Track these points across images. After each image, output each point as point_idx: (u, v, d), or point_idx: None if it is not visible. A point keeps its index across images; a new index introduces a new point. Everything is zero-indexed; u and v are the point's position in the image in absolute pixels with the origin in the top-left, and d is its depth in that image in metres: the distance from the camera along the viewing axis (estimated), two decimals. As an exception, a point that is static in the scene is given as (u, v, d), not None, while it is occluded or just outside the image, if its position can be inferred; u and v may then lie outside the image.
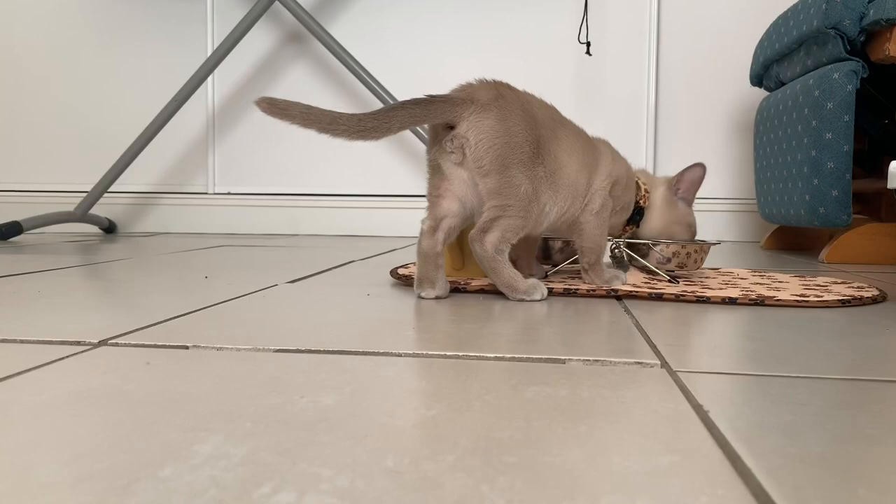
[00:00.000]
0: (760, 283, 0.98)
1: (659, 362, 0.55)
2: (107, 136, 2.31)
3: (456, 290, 0.89)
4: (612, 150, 0.94)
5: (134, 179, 2.29)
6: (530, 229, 0.84)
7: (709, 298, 0.84)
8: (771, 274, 1.10)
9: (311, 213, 2.25)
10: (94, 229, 2.28)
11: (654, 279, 0.99)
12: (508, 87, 0.85)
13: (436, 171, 0.83)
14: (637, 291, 0.87)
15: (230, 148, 2.29)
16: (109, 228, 2.28)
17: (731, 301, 0.84)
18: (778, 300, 0.83)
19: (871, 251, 1.43)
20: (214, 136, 2.29)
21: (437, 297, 0.83)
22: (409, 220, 2.18)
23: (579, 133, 0.91)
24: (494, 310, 0.77)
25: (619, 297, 0.87)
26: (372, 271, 1.13)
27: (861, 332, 0.69)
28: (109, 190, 2.14)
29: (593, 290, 0.88)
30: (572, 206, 0.88)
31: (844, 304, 0.84)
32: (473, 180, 0.81)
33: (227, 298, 0.82)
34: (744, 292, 0.88)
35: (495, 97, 0.82)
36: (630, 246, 1.03)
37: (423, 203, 0.86)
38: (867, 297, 0.86)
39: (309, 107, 0.76)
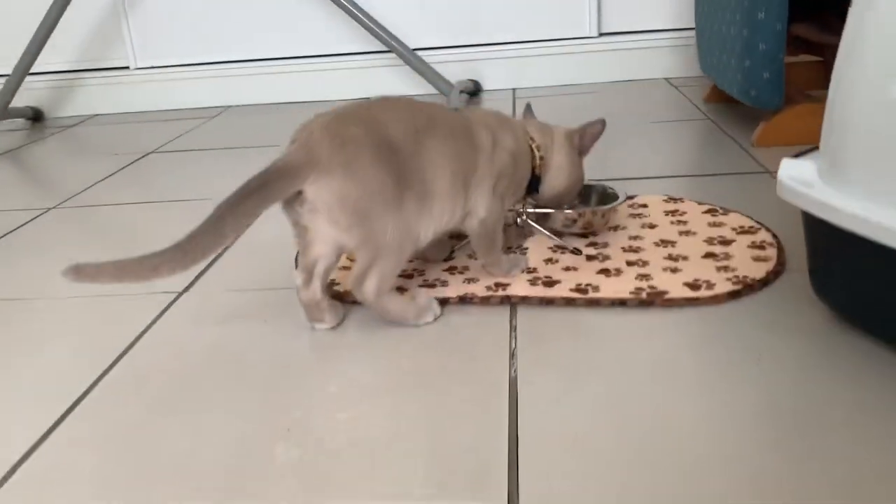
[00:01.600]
0: (664, 244, 0.97)
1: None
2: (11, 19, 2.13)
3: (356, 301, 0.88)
4: (492, 136, 0.88)
5: (53, 60, 2.15)
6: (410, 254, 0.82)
7: (599, 301, 0.85)
8: (682, 213, 1.09)
9: (240, 83, 2.14)
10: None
11: (558, 250, 0.99)
12: (353, 117, 0.79)
13: (296, 224, 0.79)
14: (529, 296, 0.87)
15: (146, 18, 2.13)
16: (36, 117, 2.18)
17: (622, 304, 0.84)
18: (667, 300, 0.84)
19: (804, 133, 1.38)
20: (125, 6, 2.12)
21: (331, 328, 0.84)
22: (344, 81, 2.08)
23: (451, 130, 0.84)
24: (367, 363, 0.78)
25: (513, 303, 0.87)
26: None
27: (730, 374, 0.70)
28: (32, 72, 2.03)
29: (488, 297, 0.88)
30: (451, 216, 0.85)
31: (734, 296, 0.85)
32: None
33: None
34: (638, 282, 0.88)
35: (338, 148, 0.75)
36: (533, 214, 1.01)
37: (356, 62, 0.79)
38: (758, 281, 0.87)
39: (121, 262, 0.71)
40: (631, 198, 1.11)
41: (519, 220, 1.01)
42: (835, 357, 0.72)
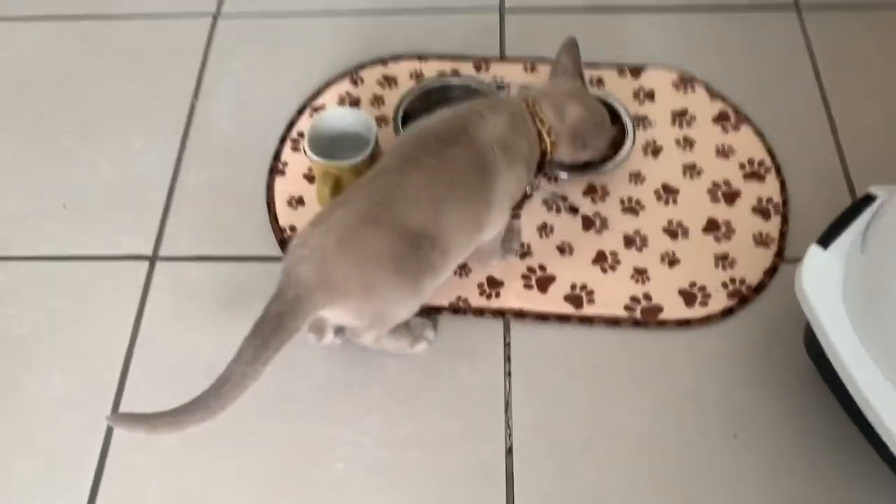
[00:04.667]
0: (666, 196, 0.93)
1: None
2: None
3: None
4: (507, 154, 0.77)
5: None
6: None
7: (592, 321, 0.85)
8: (691, 119, 0.99)
9: None
10: None
11: (553, 207, 0.93)
12: (371, 217, 0.69)
13: None
14: (524, 310, 0.86)
15: None
16: None
17: (615, 323, 0.85)
18: (660, 321, 0.85)
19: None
20: None
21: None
22: None
23: (470, 185, 0.74)
24: (369, 427, 0.81)
25: (506, 318, 0.86)
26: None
27: (707, 453, 0.77)
28: None
29: (482, 309, 0.86)
30: (468, 251, 0.80)
31: (727, 313, 0.85)
32: None
33: None
34: (633, 284, 0.86)
35: (356, 268, 0.68)
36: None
37: None
38: (753, 289, 0.86)
39: (153, 417, 0.66)
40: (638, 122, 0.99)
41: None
42: (811, 436, 0.77)
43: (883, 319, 0.66)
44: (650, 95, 1.01)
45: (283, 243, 0.91)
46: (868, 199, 0.74)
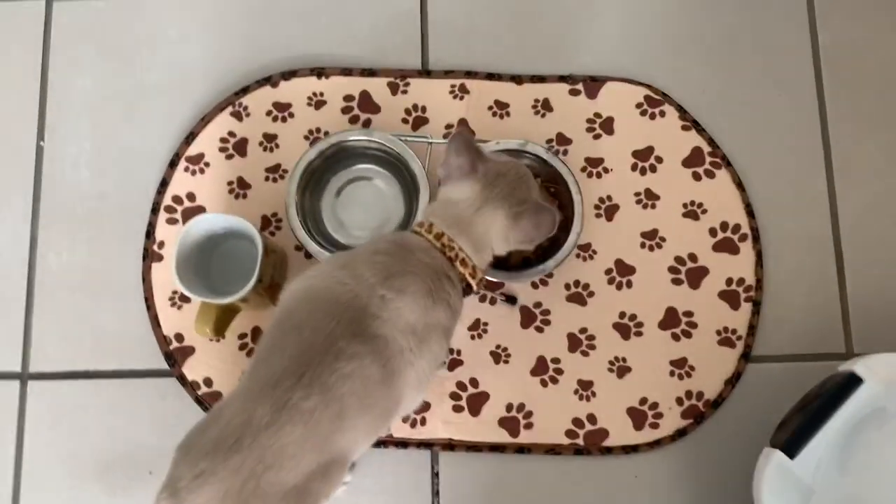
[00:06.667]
0: (620, 279, 0.79)
1: None
2: None
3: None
4: (419, 339, 0.62)
5: None
6: None
7: (530, 450, 0.77)
8: (655, 163, 0.81)
9: None
10: None
11: (486, 297, 0.79)
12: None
13: None
14: (453, 440, 0.77)
15: None
16: None
17: (555, 452, 0.77)
18: (603, 448, 0.76)
19: None
20: None
21: None
22: None
23: (365, 402, 0.60)
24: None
25: (433, 450, 0.77)
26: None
27: None
28: None
29: (405, 441, 0.77)
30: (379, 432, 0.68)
31: (678, 436, 0.77)
32: None
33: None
34: (576, 401, 0.76)
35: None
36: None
37: None
38: (710, 404, 0.77)
39: None
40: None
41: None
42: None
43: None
44: (607, 126, 0.82)
45: (169, 356, 0.78)
46: (852, 383, 0.62)
